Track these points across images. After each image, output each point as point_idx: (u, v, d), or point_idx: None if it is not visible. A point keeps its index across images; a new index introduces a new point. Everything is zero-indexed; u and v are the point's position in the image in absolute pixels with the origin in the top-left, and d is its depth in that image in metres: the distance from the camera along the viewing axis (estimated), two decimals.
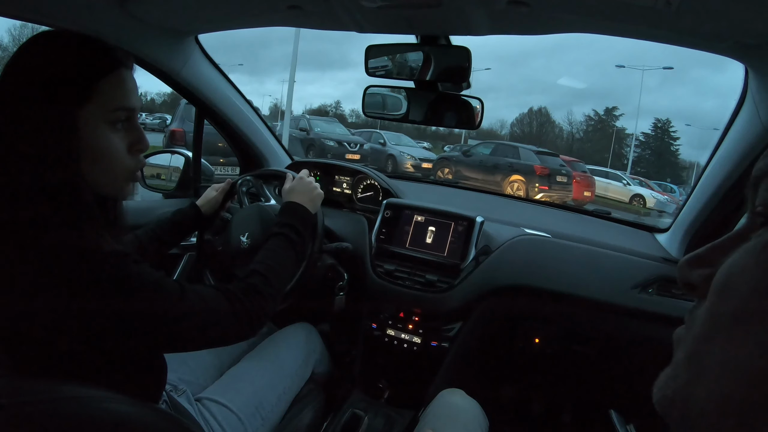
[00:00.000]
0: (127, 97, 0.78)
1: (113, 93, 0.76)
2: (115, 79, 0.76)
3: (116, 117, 0.77)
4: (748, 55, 1.00)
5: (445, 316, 1.57)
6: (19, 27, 29.94)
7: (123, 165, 0.79)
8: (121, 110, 0.77)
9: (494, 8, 0.98)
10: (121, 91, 0.77)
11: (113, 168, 0.78)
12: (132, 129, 0.81)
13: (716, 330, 0.29)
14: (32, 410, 0.54)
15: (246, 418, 1.14)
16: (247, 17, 1.28)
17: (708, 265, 0.33)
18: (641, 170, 36.52)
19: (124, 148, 0.79)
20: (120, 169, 0.79)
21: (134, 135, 0.81)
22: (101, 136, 0.75)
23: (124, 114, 0.78)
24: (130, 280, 0.72)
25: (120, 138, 0.78)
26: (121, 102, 0.77)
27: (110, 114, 0.76)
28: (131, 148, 0.81)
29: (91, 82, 0.74)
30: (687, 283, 0.35)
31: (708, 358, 0.29)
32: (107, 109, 0.75)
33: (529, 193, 11.66)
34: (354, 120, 48.89)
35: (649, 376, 1.17)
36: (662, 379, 0.34)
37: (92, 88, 0.74)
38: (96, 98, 0.74)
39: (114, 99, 0.76)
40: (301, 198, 1.20)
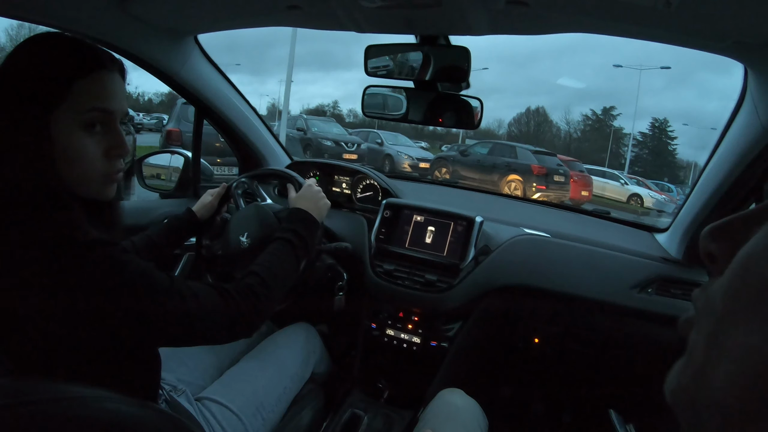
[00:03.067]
0: (105, 99, 0.77)
1: (88, 95, 0.75)
2: (92, 81, 0.75)
3: (91, 119, 0.76)
4: (748, 55, 1.00)
5: (445, 315, 1.57)
6: (17, 27, 29.86)
7: (98, 168, 0.78)
8: (95, 111, 0.76)
9: (494, 8, 0.98)
10: (98, 92, 0.76)
11: (87, 171, 0.77)
12: (110, 132, 0.79)
13: (736, 311, 0.28)
14: (32, 410, 0.54)
15: (246, 418, 1.13)
16: (246, 17, 1.28)
17: (731, 237, 0.32)
18: (639, 170, 36.56)
19: (100, 151, 0.78)
20: (95, 173, 0.78)
21: (113, 139, 0.79)
22: (74, 138, 0.75)
23: (99, 116, 0.77)
24: (117, 267, 0.71)
25: (96, 141, 0.77)
26: (96, 103, 0.76)
27: (84, 115, 0.75)
28: (109, 152, 0.79)
29: (64, 83, 0.73)
30: (708, 254, 0.33)
31: (727, 340, 0.28)
32: (80, 111, 0.74)
33: (526, 193, 11.67)
34: (351, 120, 48.91)
35: (649, 375, 1.18)
36: (676, 368, 0.33)
37: (66, 89, 0.73)
38: (70, 100, 0.73)
39: (88, 101, 0.75)
40: (308, 206, 1.20)
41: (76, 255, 0.68)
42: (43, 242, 0.67)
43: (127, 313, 0.72)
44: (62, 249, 0.67)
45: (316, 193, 1.26)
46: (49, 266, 0.66)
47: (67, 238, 0.68)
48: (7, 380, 0.63)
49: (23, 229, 0.67)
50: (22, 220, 0.68)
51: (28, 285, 0.66)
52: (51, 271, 0.66)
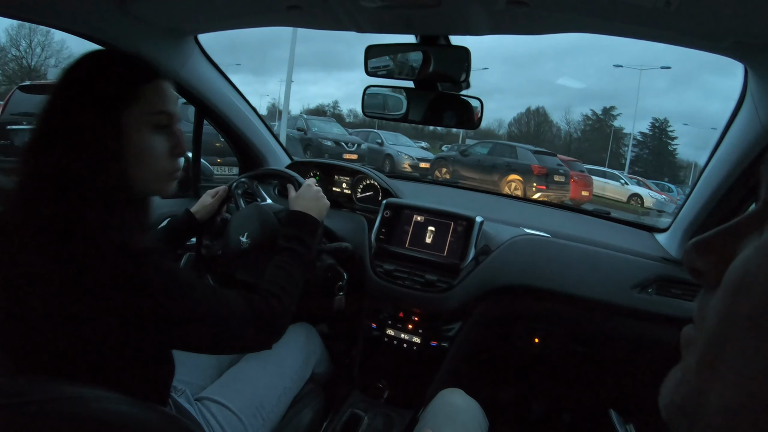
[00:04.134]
0: (167, 103, 0.85)
1: (154, 98, 0.83)
2: (156, 87, 0.84)
3: (158, 120, 0.84)
4: (748, 55, 1.00)
5: (445, 315, 1.57)
6: (17, 27, 29.96)
7: (164, 166, 0.87)
8: (161, 114, 0.84)
9: (494, 8, 0.98)
10: (161, 97, 0.84)
11: (156, 168, 0.85)
12: (172, 134, 0.87)
13: (731, 333, 0.27)
14: (32, 410, 0.54)
15: (246, 419, 1.14)
16: (246, 17, 1.28)
17: (716, 252, 0.31)
18: (639, 170, 36.49)
19: (165, 150, 0.86)
20: (162, 169, 0.87)
21: (174, 139, 0.88)
22: (145, 137, 0.82)
23: (165, 118, 0.85)
24: (168, 275, 0.77)
25: (161, 141, 0.85)
26: (162, 106, 0.84)
27: (152, 117, 0.83)
28: (172, 151, 0.88)
29: (133, 87, 0.81)
30: (693, 269, 0.33)
31: (722, 364, 0.27)
32: (149, 113, 0.82)
33: (526, 193, 11.66)
34: (352, 120, 48.87)
35: (649, 375, 1.18)
36: (669, 383, 0.32)
37: (135, 93, 0.81)
38: (138, 102, 0.81)
39: (155, 104, 0.83)
40: (308, 206, 1.21)
41: (130, 262, 0.72)
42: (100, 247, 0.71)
43: (162, 317, 0.76)
44: (118, 255, 0.72)
45: (316, 192, 1.26)
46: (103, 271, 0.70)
47: (123, 245, 0.72)
48: (7, 380, 0.63)
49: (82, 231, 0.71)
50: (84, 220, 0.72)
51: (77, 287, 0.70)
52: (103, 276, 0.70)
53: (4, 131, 5.69)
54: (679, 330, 0.99)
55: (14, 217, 0.75)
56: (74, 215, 0.72)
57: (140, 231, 0.87)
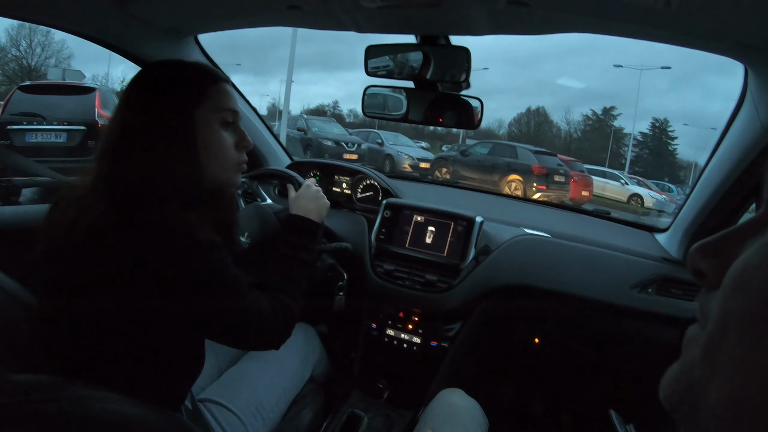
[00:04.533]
0: (232, 101, 0.95)
1: (220, 98, 0.92)
2: (221, 88, 0.93)
3: (225, 117, 0.93)
4: (748, 55, 1.00)
5: (445, 316, 1.57)
6: (17, 27, 29.99)
7: (232, 158, 0.95)
8: (228, 111, 0.93)
9: (494, 8, 0.98)
10: (226, 97, 0.94)
11: (226, 160, 0.94)
12: (237, 129, 0.97)
13: (730, 328, 0.28)
14: (33, 410, 0.54)
15: (246, 419, 1.14)
16: (246, 17, 1.28)
17: (719, 255, 0.32)
18: (639, 170, 36.50)
19: (233, 144, 0.95)
20: (231, 162, 0.95)
21: (239, 134, 0.97)
22: (215, 132, 0.91)
23: (231, 115, 0.94)
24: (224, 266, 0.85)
25: (229, 135, 0.94)
26: (228, 105, 0.93)
27: (220, 114, 0.92)
28: (238, 145, 0.97)
29: (203, 86, 0.90)
30: (697, 272, 0.33)
31: (722, 358, 0.28)
32: (217, 110, 0.91)
33: (526, 193, 11.67)
34: (352, 120, 48.84)
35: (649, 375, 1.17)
36: (671, 374, 0.33)
37: (204, 93, 0.90)
38: (207, 101, 0.90)
39: (222, 102, 0.92)
40: (308, 207, 1.22)
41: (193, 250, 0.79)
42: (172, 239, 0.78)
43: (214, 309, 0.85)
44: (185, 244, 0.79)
45: (316, 192, 1.27)
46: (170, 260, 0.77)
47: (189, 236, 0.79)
48: (8, 379, 0.63)
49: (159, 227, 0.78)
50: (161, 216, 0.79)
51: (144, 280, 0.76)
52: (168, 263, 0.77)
53: (5, 131, 5.69)
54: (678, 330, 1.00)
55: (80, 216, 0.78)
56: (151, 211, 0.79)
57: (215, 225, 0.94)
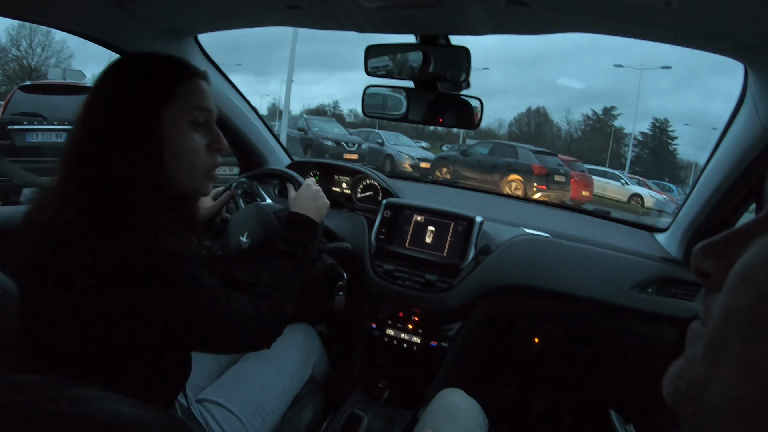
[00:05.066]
0: (204, 100, 0.88)
1: (191, 96, 0.85)
2: (193, 85, 0.86)
3: (195, 117, 0.86)
4: (748, 55, 1.00)
5: (445, 316, 1.57)
6: (17, 27, 30.02)
7: (202, 162, 0.88)
8: (199, 110, 0.87)
9: (494, 8, 0.98)
10: (199, 94, 0.87)
11: (194, 164, 0.87)
12: (210, 130, 0.90)
13: (733, 326, 0.28)
14: (32, 410, 0.54)
15: (246, 419, 1.14)
16: (246, 17, 1.28)
17: (722, 255, 0.32)
18: (639, 170, 36.52)
19: (204, 146, 0.88)
20: (200, 166, 0.88)
21: (212, 135, 0.90)
22: (183, 134, 0.84)
23: (202, 114, 0.87)
24: (193, 281, 0.79)
25: (199, 137, 0.88)
26: (199, 103, 0.87)
27: (190, 114, 0.85)
28: (209, 147, 0.90)
29: (170, 85, 0.84)
30: (700, 272, 0.34)
31: (725, 355, 0.28)
32: (187, 109, 0.85)
33: (527, 193, 11.67)
34: (352, 120, 48.86)
35: (649, 375, 1.18)
36: (675, 370, 0.33)
37: (171, 91, 0.83)
38: (176, 101, 0.83)
39: (192, 100, 0.86)
40: (308, 206, 1.21)
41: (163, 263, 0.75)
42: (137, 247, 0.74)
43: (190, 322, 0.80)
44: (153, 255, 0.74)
45: (315, 192, 1.26)
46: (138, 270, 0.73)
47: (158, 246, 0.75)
48: (7, 379, 0.63)
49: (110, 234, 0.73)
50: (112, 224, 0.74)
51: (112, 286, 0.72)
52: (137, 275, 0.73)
53: (5, 131, 5.68)
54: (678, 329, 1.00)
55: (53, 217, 0.76)
56: (115, 215, 0.74)
57: (181, 232, 0.88)
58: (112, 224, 0.74)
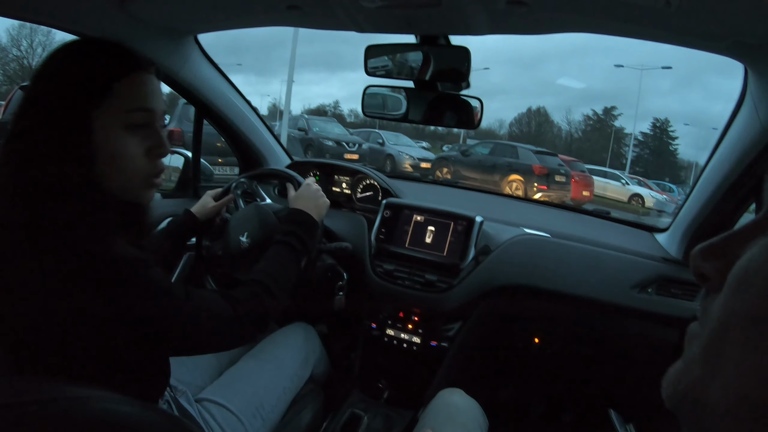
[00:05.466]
0: (144, 99, 0.79)
1: (129, 95, 0.77)
2: (132, 82, 0.77)
3: (133, 119, 0.78)
4: (748, 54, 1.00)
5: (445, 315, 1.57)
6: (18, 27, 30.05)
7: (138, 169, 0.80)
8: (138, 111, 0.78)
9: (494, 8, 0.97)
10: (139, 93, 0.78)
11: (129, 171, 0.79)
12: (151, 132, 0.81)
13: (732, 328, 0.28)
14: (32, 410, 0.54)
15: (246, 419, 1.14)
16: (246, 17, 1.28)
17: (721, 257, 0.32)
18: (640, 170, 36.52)
19: (142, 151, 0.80)
20: (135, 173, 0.80)
21: (153, 139, 0.81)
22: (116, 138, 0.76)
23: (141, 116, 0.79)
24: (138, 285, 0.73)
25: (137, 141, 0.79)
26: (137, 103, 0.78)
27: (127, 116, 0.77)
28: (150, 152, 0.81)
29: (105, 84, 0.75)
30: (699, 274, 0.34)
31: (723, 357, 0.28)
32: (123, 111, 0.76)
33: (527, 193, 11.67)
34: (353, 120, 48.87)
35: (649, 375, 1.17)
36: (673, 373, 0.33)
37: (107, 90, 0.75)
38: (111, 100, 0.75)
39: (129, 101, 0.77)
40: (307, 205, 1.20)
41: (100, 268, 0.69)
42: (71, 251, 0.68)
43: (143, 326, 0.74)
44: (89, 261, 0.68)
45: (315, 191, 1.26)
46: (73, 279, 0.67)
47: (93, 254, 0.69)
48: (7, 380, 0.63)
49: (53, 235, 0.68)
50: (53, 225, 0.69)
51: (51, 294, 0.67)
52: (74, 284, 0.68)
53: (6, 131, 5.68)
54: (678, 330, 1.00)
55: None
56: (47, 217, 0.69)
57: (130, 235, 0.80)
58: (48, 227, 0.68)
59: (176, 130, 7.16)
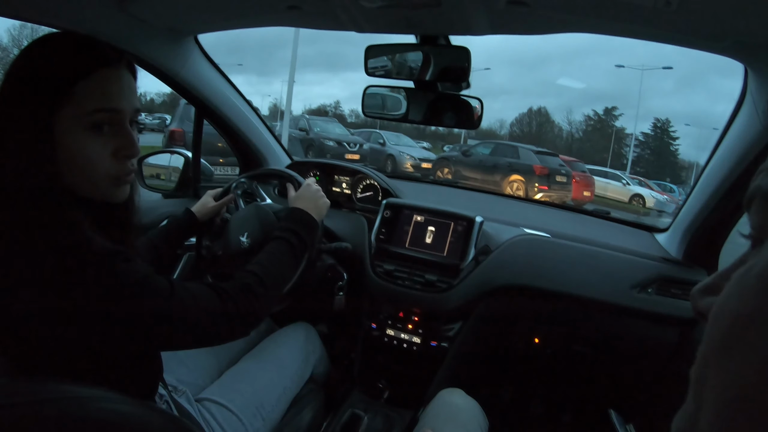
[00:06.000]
0: (110, 98, 0.75)
1: (92, 95, 0.73)
2: (97, 81, 0.74)
3: (97, 120, 0.74)
4: (748, 55, 1.00)
5: (445, 316, 1.57)
6: (19, 27, 30.01)
7: (104, 170, 0.76)
8: (101, 112, 0.74)
9: (494, 8, 0.97)
10: (103, 92, 0.74)
11: (93, 173, 0.75)
12: (119, 133, 0.77)
13: (709, 359, 0.30)
14: (31, 410, 0.54)
15: (246, 419, 1.14)
16: (246, 17, 1.28)
17: (715, 293, 0.33)
18: (641, 170, 36.52)
19: (108, 152, 0.76)
20: (101, 175, 0.76)
21: (121, 139, 0.77)
22: (78, 140, 0.73)
23: (106, 117, 0.75)
24: (116, 278, 0.69)
25: (102, 143, 0.75)
26: (102, 104, 0.74)
27: (89, 117, 0.73)
28: (117, 153, 0.77)
29: (67, 84, 0.71)
30: (698, 312, 0.35)
31: (705, 388, 0.30)
32: (85, 112, 0.73)
33: (528, 193, 11.67)
34: (353, 120, 48.92)
35: (649, 375, 1.17)
36: (679, 412, 0.34)
37: (69, 90, 0.71)
38: (73, 101, 0.72)
39: (93, 101, 0.73)
40: (307, 205, 1.19)
41: (77, 263, 0.67)
42: (45, 248, 0.66)
43: (127, 321, 0.71)
44: (64, 256, 0.66)
45: (315, 192, 1.25)
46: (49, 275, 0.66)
47: (67, 246, 0.67)
48: (7, 380, 0.63)
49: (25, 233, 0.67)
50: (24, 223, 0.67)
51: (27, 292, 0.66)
52: (52, 277, 0.66)
53: None
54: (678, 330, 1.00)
55: None
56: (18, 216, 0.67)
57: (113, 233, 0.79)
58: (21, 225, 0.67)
59: (178, 130, 7.17)
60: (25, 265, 0.66)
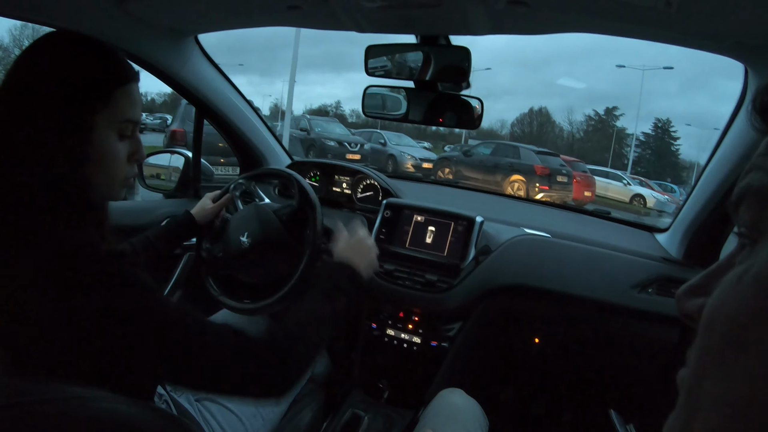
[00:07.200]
0: (134, 109, 0.82)
1: (124, 104, 0.79)
2: (128, 91, 0.80)
3: (124, 127, 0.80)
4: (748, 55, 1.00)
5: (445, 316, 1.57)
6: (20, 27, 30.02)
7: (122, 171, 0.82)
8: (128, 122, 0.81)
9: (494, 8, 0.97)
10: (131, 103, 0.81)
11: (114, 173, 0.81)
12: (134, 139, 0.84)
13: (705, 365, 0.29)
14: (31, 410, 0.54)
15: (246, 419, 1.14)
16: (246, 17, 1.28)
17: (703, 294, 0.33)
18: (641, 170, 36.55)
19: (125, 155, 0.82)
20: (119, 175, 0.82)
21: (135, 145, 0.84)
22: (110, 142, 0.78)
23: (131, 125, 0.82)
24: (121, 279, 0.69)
25: (124, 146, 0.81)
26: (129, 114, 0.80)
27: (120, 123, 0.79)
28: (131, 157, 0.84)
29: (107, 90, 0.76)
30: (685, 315, 0.35)
31: (700, 394, 0.29)
32: (118, 118, 0.78)
33: (529, 193, 11.67)
34: (354, 120, 48.93)
35: (649, 375, 1.17)
36: (669, 419, 0.33)
37: (108, 97, 0.76)
38: (110, 107, 0.77)
39: (124, 109, 0.79)
40: (357, 261, 1.10)
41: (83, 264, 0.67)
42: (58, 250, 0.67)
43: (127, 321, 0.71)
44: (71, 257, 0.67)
45: (367, 246, 1.18)
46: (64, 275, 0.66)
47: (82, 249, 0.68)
48: (7, 380, 0.63)
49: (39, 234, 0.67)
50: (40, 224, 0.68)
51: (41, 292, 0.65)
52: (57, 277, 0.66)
53: None
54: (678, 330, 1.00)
55: None
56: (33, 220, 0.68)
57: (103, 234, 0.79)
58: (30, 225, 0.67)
59: (179, 130, 7.18)
60: (30, 264, 0.66)
